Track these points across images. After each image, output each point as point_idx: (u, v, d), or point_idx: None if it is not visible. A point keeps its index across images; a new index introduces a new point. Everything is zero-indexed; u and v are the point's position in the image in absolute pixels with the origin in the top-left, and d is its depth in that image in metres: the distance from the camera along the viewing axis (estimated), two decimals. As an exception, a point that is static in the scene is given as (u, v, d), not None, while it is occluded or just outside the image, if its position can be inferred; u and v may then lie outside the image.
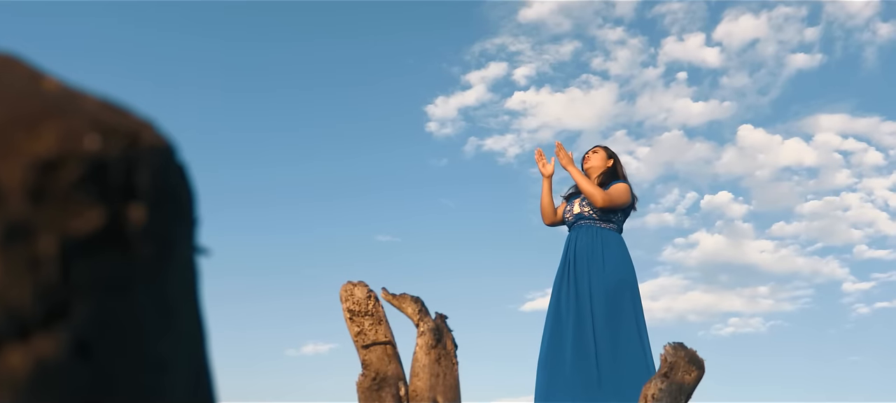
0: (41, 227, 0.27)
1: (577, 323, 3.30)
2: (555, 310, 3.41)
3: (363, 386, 1.83)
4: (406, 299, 1.93)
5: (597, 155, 3.61)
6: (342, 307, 2.00)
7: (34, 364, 0.26)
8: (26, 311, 0.26)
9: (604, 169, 3.57)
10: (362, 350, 1.92)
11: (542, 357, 3.38)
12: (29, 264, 0.27)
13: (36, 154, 0.28)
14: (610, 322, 3.24)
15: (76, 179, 0.29)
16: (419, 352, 1.79)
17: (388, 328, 1.95)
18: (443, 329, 1.87)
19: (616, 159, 3.63)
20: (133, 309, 0.31)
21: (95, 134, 0.31)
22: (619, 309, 3.28)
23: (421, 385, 1.74)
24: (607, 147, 3.67)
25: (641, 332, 3.29)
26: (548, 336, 3.40)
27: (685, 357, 1.74)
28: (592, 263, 3.35)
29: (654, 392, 1.67)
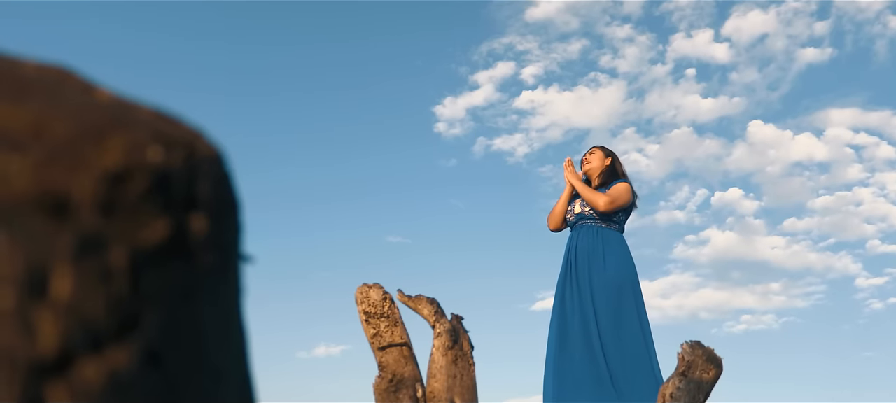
0: (112, 239, 0.27)
1: (582, 322, 3.30)
2: (559, 311, 3.42)
3: (380, 388, 1.83)
4: (422, 300, 1.94)
5: (594, 155, 3.62)
6: (358, 309, 2.00)
7: (108, 376, 0.26)
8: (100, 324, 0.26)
9: (603, 168, 3.57)
10: (379, 352, 1.93)
11: (550, 357, 3.38)
12: (101, 276, 0.27)
13: (105, 167, 0.28)
14: (613, 320, 3.25)
15: (143, 191, 0.29)
16: (436, 353, 1.79)
17: (404, 329, 1.95)
18: (459, 330, 1.87)
19: (614, 158, 3.63)
20: (197, 319, 0.31)
21: (158, 145, 0.31)
22: (622, 307, 3.28)
23: (438, 387, 1.74)
24: (604, 147, 3.67)
25: (645, 330, 3.29)
26: (554, 336, 3.40)
27: (703, 356, 1.73)
28: (593, 262, 3.35)
29: (672, 391, 1.67)
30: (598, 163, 3.58)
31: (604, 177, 3.55)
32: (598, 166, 3.58)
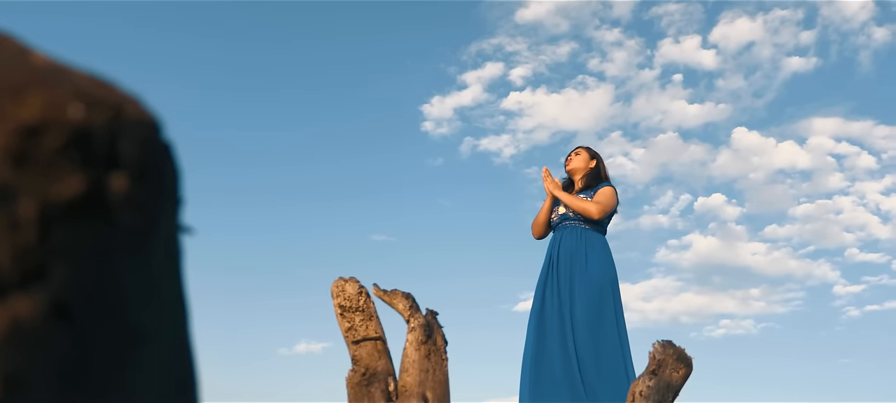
0: (22, 191, 0.28)
1: (560, 322, 3.32)
2: (538, 310, 3.43)
3: (353, 382, 1.83)
4: (397, 295, 1.94)
5: (579, 156, 3.62)
6: (333, 303, 2.00)
7: (10, 323, 0.26)
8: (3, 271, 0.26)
9: (587, 170, 3.58)
10: (352, 346, 1.93)
11: (528, 357, 3.39)
12: (8, 226, 0.27)
13: (20, 120, 0.29)
14: (591, 321, 3.27)
15: (59, 146, 0.29)
16: (409, 348, 1.80)
17: (379, 324, 1.95)
18: (433, 325, 1.87)
19: (599, 160, 3.64)
20: (115, 278, 0.32)
21: (79, 103, 0.31)
22: (601, 308, 3.30)
23: (410, 381, 1.74)
24: (589, 147, 3.68)
25: (621, 333, 3.31)
26: (532, 336, 3.41)
27: (673, 355, 1.75)
28: (576, 263, 3.37)
29: (642, 390, 1.68)
30: (583, 164, 3.59)
31: (587, 179, 3.56)
32: (582, 167, 3.58)
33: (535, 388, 3.31)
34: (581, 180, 3.58)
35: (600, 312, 3.29)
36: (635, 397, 1.68)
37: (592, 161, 3.61)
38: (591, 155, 3.64)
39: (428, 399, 1.73)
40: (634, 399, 1.68)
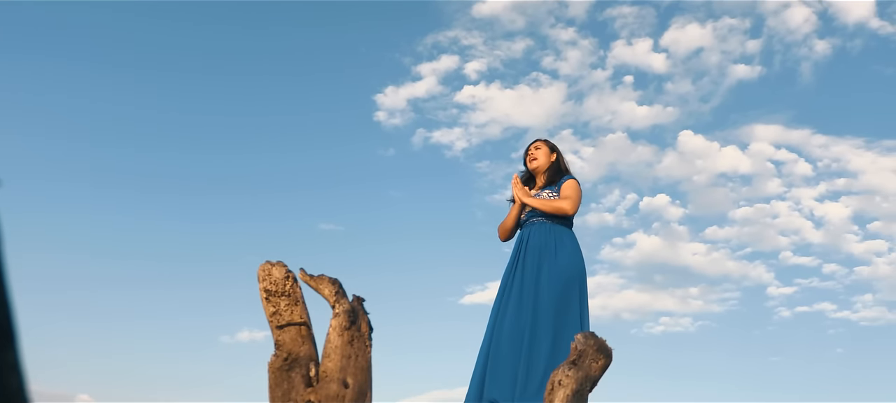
0: None
1: (518, 312, 3.32)
2: (499, 304, 3.42)
3: (274, 367, 1.80)
4: (324, 280, 1.91)
5: (540, 151, 3.62)
6: (259, 287, 1.96)
7: None
8: None
9: (549, 164, 3.59)
10: (276, 331, 1.90)
11: (483, 348, 3.39)
12: None
13: None
14: (555, 314, 3.26)
15: None
16: (332, 333, 1.78)
17: (305, 309, 1.93)
18: (359, 311, 1.86)
19: (558, 152, 3.65)
20: None
21: None
22: (567, 302, 3.29)
23: (331, 366, 1.72)
24: (548, 140, 3.68)
25: (584, 327, 3.32)
26: (490, 328, 3.41)
27: (594, 346, 1.77)
28: (545, 256, 3.36)
29: (561, 379, 1.70)
30: (545, 159, 3.59)
31: (550, 173, 3.56)
32: (544, 163, 3.58)
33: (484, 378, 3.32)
34: (543, 175, 3.59)
35: (566, 305, 3.28)
36: (554, 386, 1.70)
37: (553, 154, 3.62)
38: (551, 148, 3.64)
39: (348, 385, 1.72)
40: (553, 388, 1.70)
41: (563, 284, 3.28)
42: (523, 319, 3.26)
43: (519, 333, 3.26)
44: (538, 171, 3.60)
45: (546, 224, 3.45)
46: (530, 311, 3.26)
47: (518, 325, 3.26)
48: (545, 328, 3.21)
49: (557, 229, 3.43)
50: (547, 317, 3.23)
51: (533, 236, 3.43)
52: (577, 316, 3.27)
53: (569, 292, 3.28)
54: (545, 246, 3.37)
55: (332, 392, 1.69)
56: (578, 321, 3.26)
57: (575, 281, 3.31)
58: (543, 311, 3.25)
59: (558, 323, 3.22)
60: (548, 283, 3.27)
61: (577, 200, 3.44)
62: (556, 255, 3.33)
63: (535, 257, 3.35)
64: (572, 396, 1.67)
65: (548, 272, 3.29)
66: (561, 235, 3.41)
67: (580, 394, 1.68)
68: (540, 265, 3.32)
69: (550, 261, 3.31)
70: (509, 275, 3.43)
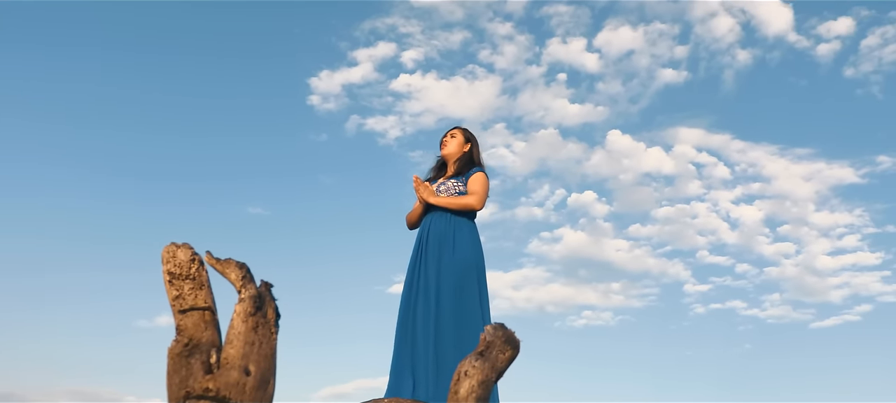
0: None
1: (424, 305, 3.33)
2: (407, 292, 3.43)
3: (174, 352, 1.73)
4: (230, 264, 1.85)
5: (455, 139, 3.63)
6: (162, 269, 1.88)
7: None
8: None
9: (461, 154, 3.60)
10: (179, 315, 1.82)
11: (397, 337, 3.39)
12: None
13: None
14: (455, 304, 3.29)
15: None
16: (236, 319, 1.72)
17: (210, 293, 1.86)
18: (266, 297, 1.81)
19: (473, 143, 3.66)
20: None
21: None
22: (466, 291, 3.33)
23: (233, 353, 1.67)
24: (466, 129, 3.69)
25: (485, 318, 3.36)
26: (401, 317, 3.41)
27: (502, 337, 1.78)
28: (444, 246, 3.38)
29: (467, 369, 1.70)
30: (457, 148, 3.60)
31: (460, 163, 3.58)
32: (456, 151, 3.59)
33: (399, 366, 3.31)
34: (454, 164, 3.60)
35: (465, 295, 3.32)
36: (461, 376, 1.70)
37: (467, 144, 3.63)
38: (467, 138, 3.64)
39: (250, 372, 1.67)
40: (459, 378, 1.70)
41: (462, 275, 3.32)
42: (428, 312, 3.29)
43: (426, 325, 3.28)
44: (449, 159, 3.61)
45: (447, 213, 3.47)
46: (434, 303, 3.29)
47: (425, 318, 3.29)
48: (448, 319, 3.25)
49: (458, 219, 3.46)
50: (448, 309, 3.27)
51: (434, 225, 3.45)
52: (477, 306, 3.32)
53: (467, 283, 3.32)
54: (444, 237, 3.40)
55: (232, 379, 1.64)
56: (479, 311, 3.31)
57: (473, 272, 3.35)
58: (445, 303, 3.29)
59: (460, 314, 3.26)
60: (447, 275, 3.31)
61: (483, 195, 3.47)
62: (454, 247, 3.37)
63: (436, 248, 3.38)
64: (478, 386, 1.68)
65: (447, 264, 3.33)
66: (460, 226, 3.44)
67: (486, 385, 1.69)
68: (440, 257, 3.36)
69: (449, 253, 3.35)
70: (413, 266, 3.45)
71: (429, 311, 3.30)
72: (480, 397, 1.67)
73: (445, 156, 3.63)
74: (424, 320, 3.30)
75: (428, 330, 3.27)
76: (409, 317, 3.37)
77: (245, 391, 1.64)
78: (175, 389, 1.65)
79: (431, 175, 3.70)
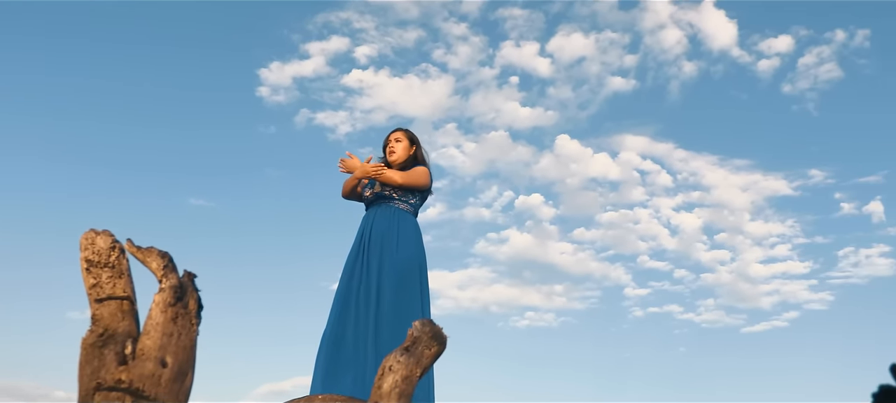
0: None
1: (365, 300, 3.30)
2: (345, 287, 3.39)
3: (87, 342, 1.67)
4: (152, 253, 1.79)
5: (401, 144, 3.63)
6: (80, 256, 1.81)
7: None
8: None
9: (407, 157, 3.61)
10: (95, 304, 1.76)
11: (327, 334, 3.34)
12: None
13: None
14: (396, 300, 3.28)
15: None
16: (155, 309, 1.67)
17: (130, 282, 1.80)
18: (188, 288, 1.76)
19: (418, 146, 3.68)
20: None
21: None
22: (407, 288, 3.32)
23: (150, 344, 1.62)
24: (409, 131, 3.70)
25: (425, 314, 3.36)
26: (335, 313, 3.37)
27: (429, 333, 1.78)
28: (386, 242, 3.37)
29: (391, 365, 1.69)
30: (404, 152, 3.61)
31: (405, 165, 3.59)
32: (403, 155, 3.60)
33: (329, 366, 3.27)
34: (399, 167, 3.60)
35: (407, 292, 3.30)
36: (385, 371, 1.69)
37: (412, 147, 3.64)
38: (411, 141, 3.66)
39: (167, 364, 1.62)
40: (383, 373, 1.69)
41: (404, 273, 3.32)
42: (369, 309, 3.26)
43: (364, 323, 3.26)
44: (396, 164, 3.61)
45: (391, 206, 3.47)
46: (375, 301, 3.27)
47: (365, 315, 3.26)
48: (388, 317, 3.24)
49: (401, 213, 3.46)
50: (389, 307, 3.26)
51: (377, 218, 3.44)
52: (419, 304, 3.32)
53: (409, 280, 3.32)
54: (387, 232, 3.39)
55: (147, 371, 1.59)
56: (420, 309, 3.31)
57: (415, 270, 3.36)
58: (386, 301, 3.27)
59: (401, 312, 3.25)
60: (389, 272, 3.30)
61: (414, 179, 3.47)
62: (397, 244, 3.36)
63: (378, 245, 3.37)
64: (402, 381, 1.67)
65: (389, 261, 3.32)
66: (403, 221, 3.44)
67: (410, 380, 1.69)
68: (382, 254, 3.34)
69: (391, 250, 3.34)
70: (353, 262, 3.42)
71: (369, 308, 3.27)
72: (404, 392, 1.67)
73: (392, 161, 3.63)
74: (365, 317, 3.27)
75: (368, 327, 3.25)
76: (347, 313, 3.33)
77: (160, 383, 1.59)
78: (86, 380, 1.59)
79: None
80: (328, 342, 3.31)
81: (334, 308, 3.39)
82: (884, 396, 1.09)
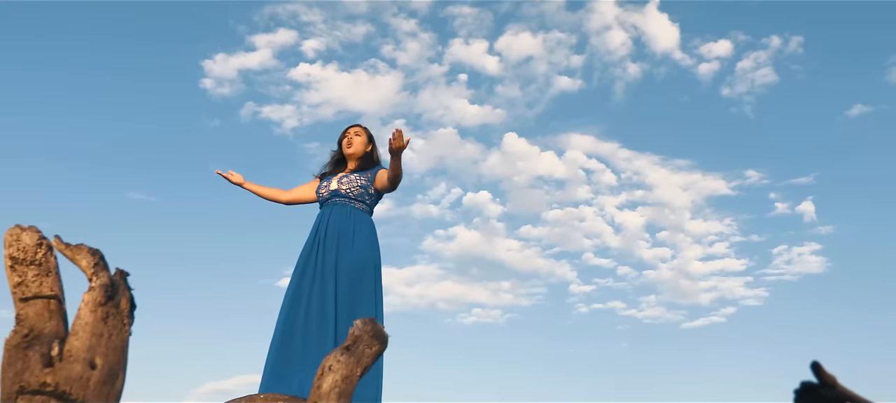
0: None
1: (320, 298, 3.26)
2: (296, 286, 3.34)
3: (11, 343, 1.59)
4: (82, 250, 1.73)
5: (360, 138, 3.62)
6: (3, 253, 1.73)
7: None
8: None
9: (364, 153, 3.60)
10: (20, 303, 1.68)
11: (276, 333, 3.29)
12: None
13: None
14: (351, 300, 3.26)
15: None
16: (84, 309, 1.61)
17: (58, 281, 1.73)
18: (120, 286, 1.70)
19: (374, 145, 3.68)
20: None
21: None
22: (362, 288, 3.30)
23: (78, 345, 1.56)
24: (368, 129, 3.70)
25: (379, 314, 3.34)
26: (284, 311, 3.32)
27: (370, 332, 1.77)
28: (342, 240, 3.34)
29: (331, 364, 1.68)
30: (361, 148, 3.59)
31: (362, 161, 3.57)
32: (360, 150, 3.59)
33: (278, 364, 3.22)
34: (356, 161, 3.58)
35: (361, 291, 3.28)
36: (325, 371, 1.67)
37: (369, 145, 3.63)
38: (369, 138, 3.65)
39: (96, 366, 1.56)
40: (324, 372, 1.67)
41: (358, 272, 3.30)
42: (324, 306, 3.23)
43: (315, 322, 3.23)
44: (352, 157, 3.60)
45: (347, 205, 3.46)
46: (331, 298, 3.24)
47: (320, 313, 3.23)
48: (343, 315, 3.21)
49: (357, 213, 3.45)
50: (342, 306, 3.23)
51: (333, 217, 3.41)
52: (372, 304, 3.30)
53: (364, 279, 3.31)
54: (343, 231, 3.37)
55: (74, 373, 1.53)
56: (373, 308, 3.30)
57: (370, 269, 3.34)
58: (341, 298, 3.25)
59: (353, 312, 3.23)
60: (344, 271, 3.28)
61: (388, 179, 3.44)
62: (352, 242, 3.35)
63: (334, 243, 3.34)
64: (341, 381, 1.66)
65: (344, 259, 3.29)
66: (360, 220, 3.43)
67: (350, 380, 1.67)
68: (338, 253, 3.32)
69: (347, 248, 3.32)
70: (307, 257, 3.38)
71: (324, 306, 3.23)
72: (343, 392, 1.65)
73: (349, 154, 3.60)
74: (319, 315, 3.23)
75: (324, 325, 3.21)
76: (296, 312, 3.28)
77: (89, 385, 1.53)
78: (8, 384, 1.52)
79: (327, 170, 3.66)
80: (277, 341, 3.27)
81: (284, 306, 3.34)
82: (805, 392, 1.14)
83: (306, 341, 3.22)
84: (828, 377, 1.08)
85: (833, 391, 1.07)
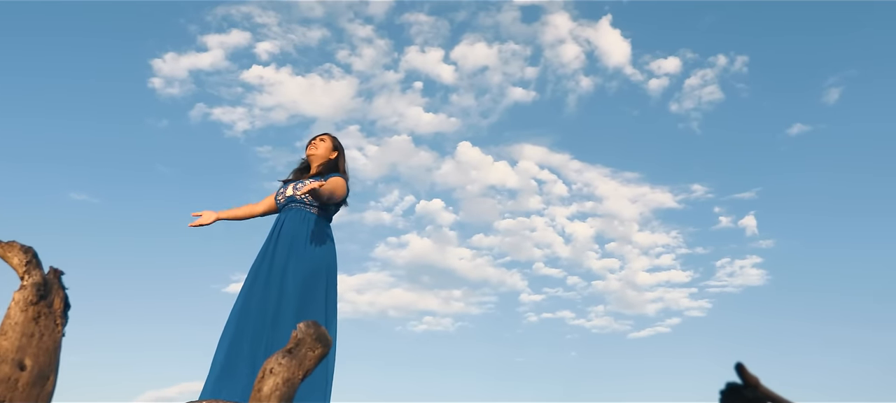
0: None
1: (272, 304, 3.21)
2: (248, 289, 3.29)
3: (-67, 344, 1.53)
4: (14, 247, 1.67)
5: (325, 143, 3.58)
6: (-71, 250, 1.66)
7: None
8: None
9: (326, 159, 3.56)
10: (-55, 303, 1.62)
11: (225, 337, 3.23)
12: None
13: None
14: (300, 304, 3.21)
15: None
16: (13, 308, 1.56)
17: (-13, 279, 1.67)
18: (53, 286, 1.65)
19: (340, 153, 3.63)
20: None
21: None
22: (313, 293, 3.25)
23: (7, 345, 1.51)
24: (336, 138, 3.66)
25: (329, 321, 3.30)
26: (235, 313, 3.26)
27: (313, 335, 1.76)
28: (295, 245, 3.29)
29: (272, 367, 1.66)
30: (324, 152, 3.54)
31: (324, 167, 3.52)
32: (323, 155, 3.53)
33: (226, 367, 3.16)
34: (317, 167, 3.54)
35: (312, 296, 3.23)
36: (266, 374, 1.66)
37: (334, 152, 3.59)
38: (335, 146, 3.61)
39: (25, 367, 1.51)
40: (264, 375, 1.65)
41: (310, 275, 3.26)
42: (268, 310, 3.18)
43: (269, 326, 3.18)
44: (314, 161, 3.56)
45: (303, 210, 3.42)
46: (275, 302, 3.19)
47: (262, 316, 3.18)
48: (288, 319, 3.17)
49: (313, 218, 3.41)
50: (290, 309, 3.19)
51: (288, 222, 3.38)
52: (323, 309, 3.26)
53: (315, 283, 3.27)
54: (297, 235, 3.33)
55: (1, 374, 1.48)
56: (323, 314, 3.26)
57: (322, 273, 3.30)
58: (287, 303, 3.20)
59: (302, 316, 3.18)
60: (294, 273, 3.23)
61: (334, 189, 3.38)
62: (306, 245, 3.31)
63: (287, 245, 3.30)
64: (282, 384, 1.64)
65: (296, 261, 3.25)
66: (316, 226, 3.38)
67: (291, 383, 1.66)
68: (289, 254, 3.27)
69: (300, 251, 3.28)
70: (260, 263, 3.33)
71: (277, 311, 3.18)
72: (284, 395, 1.64)
73: (311, 158, 3.56)
74: (271, 320, 3.18)
75: (275, 331, 3.16)
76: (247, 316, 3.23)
77: (17, 387, 1.48)
78: (-71, 385, 1.46)
79: (291, 177, 3.62)
80: (225, 345, 3.20)
81: (234, 311, 3.28)
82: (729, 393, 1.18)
83: (255, 346, 3.17)
84: (751, 378, 1.13)
85: (755, 391, 1.12)
